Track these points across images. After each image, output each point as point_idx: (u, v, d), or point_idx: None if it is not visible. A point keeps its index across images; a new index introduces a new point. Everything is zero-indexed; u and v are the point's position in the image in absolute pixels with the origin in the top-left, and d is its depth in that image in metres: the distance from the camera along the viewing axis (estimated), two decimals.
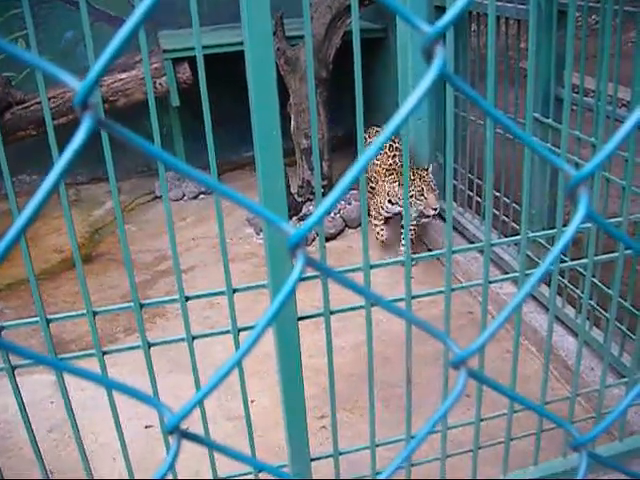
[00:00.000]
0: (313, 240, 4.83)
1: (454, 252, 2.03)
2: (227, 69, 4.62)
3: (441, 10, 4.43)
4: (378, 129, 4.37)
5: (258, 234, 5.18)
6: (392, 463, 0.62)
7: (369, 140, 4.56)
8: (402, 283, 2.07)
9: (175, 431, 0.52)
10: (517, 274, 2.14)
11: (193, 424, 2.88)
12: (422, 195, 4.25)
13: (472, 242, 4.28)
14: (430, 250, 4.72)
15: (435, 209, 4.24)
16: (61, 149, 0.48)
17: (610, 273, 2.52)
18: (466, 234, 4.57)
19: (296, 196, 5.35)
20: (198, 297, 1.90)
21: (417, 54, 4.57)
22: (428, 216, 4.35)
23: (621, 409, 0.70)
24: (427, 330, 0.63)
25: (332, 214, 5.22)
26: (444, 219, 3.79)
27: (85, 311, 1.80)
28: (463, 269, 4.34)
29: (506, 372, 2.38)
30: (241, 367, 1.96)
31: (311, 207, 5.08)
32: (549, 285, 2.30)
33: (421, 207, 4.28)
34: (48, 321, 1.80)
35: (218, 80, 4.59)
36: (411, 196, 4.16)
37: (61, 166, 0.45)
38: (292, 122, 5.27)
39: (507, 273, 3.84)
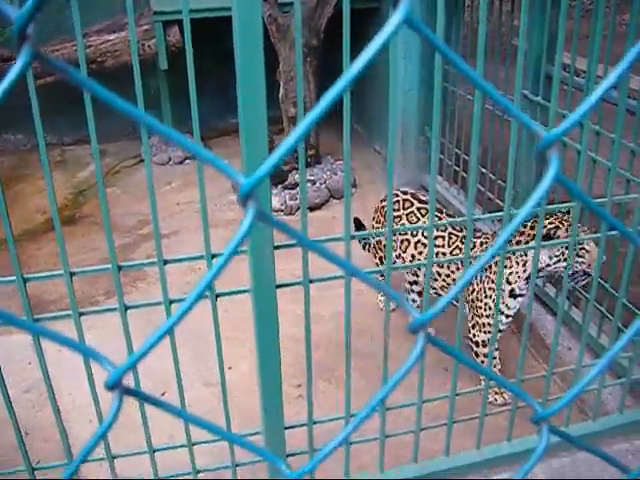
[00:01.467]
0: (298, 209, 4.82)
1: (436, 226, 2.03)
2: (218, 34, 4.58)
3: None
4: (405, 196, 3.48)
5: None
6: (330, 443, 0.61)
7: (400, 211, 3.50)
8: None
9: (116, 387, 0.51)
10: (499, 250, 2.14)
11: (170, 389, 2.89)
12: (582, 248, 2.84)
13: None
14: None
15: (604, 261, 2.60)
16: (44, 109, 0.46)
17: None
18: (451, 209, 4.57)
19: (282, 165, 5.33)
20: (177, 261, 1.89)
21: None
22: (589, 274, 2.85)
23: (583, 384, 0.70)
24: (386, 292, 0.62)
25: (317, 184, 5.20)
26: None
27: (62, 272, 1.79)
28: None
29: None
30: (218, 332, 1.95)
31: (297, 176, 5.06)
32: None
33: (583, 266, 2.86)
34: (25, 280, 1.78)
35: (208, 45, 4.55)
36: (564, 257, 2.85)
37: None
38: (281, 89, 5.23)
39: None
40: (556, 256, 2.83)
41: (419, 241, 3.32)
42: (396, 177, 5.02)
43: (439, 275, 3.23)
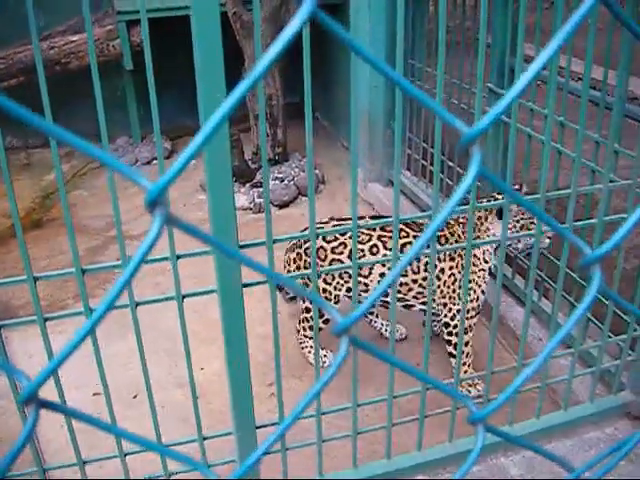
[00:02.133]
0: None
1: (400, 220, 2.03)
2: (183, 32, 4.55)
3: None
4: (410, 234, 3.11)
5: None
6: (263, 443, 0.60)
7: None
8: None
9: (32, 400, 0.49)
10: (464, 244, 2.15)
11: (142, 392, 2.87)
12: (533, 222, 3.07)
13: (425, 211, 4.30)
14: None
15: (550, 237, 3.09)
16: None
17: (560, 243, 2.54)
18: (419, 203, 4.59)
19: (250, 163, 5.31)
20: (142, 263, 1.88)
21: (374, 20, 4.55)
22: (543, 247, 3.14)
23: (516, 385, 0.70)
24: (315, 301, 0.62)
25: (286, 181, 5.20)
26: (401, 192, 3.77)
27: (26, 277, 1.77)
28: None
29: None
30: (185, 334, 1.94)
31: None
32: (499, 256, 2.32)
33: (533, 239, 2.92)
34: None
35: (174, 44, 4.52)
36: (521, 227, 3.07)
37: None
38: None
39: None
40: (509, 229, 2.96)
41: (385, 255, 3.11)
42: (364, 172, 5.02)
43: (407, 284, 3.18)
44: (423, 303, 3.14)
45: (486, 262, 3.05)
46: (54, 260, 4.43)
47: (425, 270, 3.05)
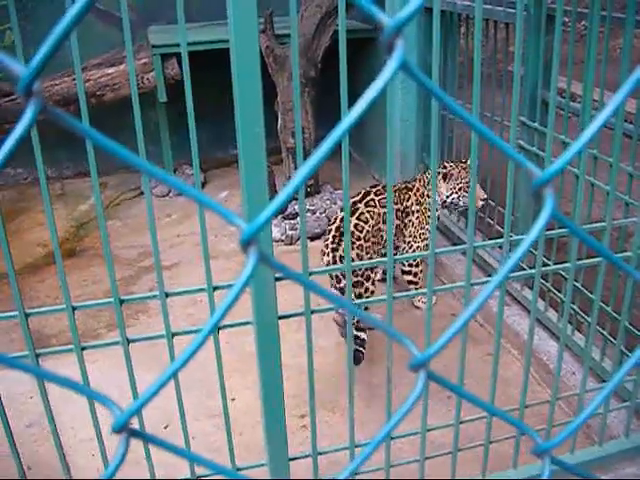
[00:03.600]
0: (298, 239, 4.83)
1: (436, 254, 2.03)
2: (216, 66, 4.61)
3: (430, 12, 4.44)
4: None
5: None
6: (343, 472, 0.61)
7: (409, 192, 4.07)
8: (384, 285, 2.07)
9: (123, 430, 0.50)
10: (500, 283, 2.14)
11: (173, 422, 2.88)
12: (468, 186, 3.91)
13: (455, 244, 4.29)
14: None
15: (484, 199, 3.95)
16: (43, 143, 0.47)
17: (593, 277, 2.53)
18: (450, 236, 4.58)
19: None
20: (178, 294, 1.89)
21: (406, 53, 4.57)
22: (478, 208, 3.95)
23: (585, 416, 0.70)
24: (390, 333, 0.62)
25: (317, 213, 5.21)
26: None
27: (64, 306, 1.79)
28: (447, 272, 4.35)
29: (487, 374, 2.38)
30: (220, 365, 1.95)
31: (297, 206, 5.07)
32: (532, 289, 2.31)
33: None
34: (27, 315, 1.79)
35: (207, 77, 4.58)
36: (459, 189, 3.95)
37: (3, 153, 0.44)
38: (279, 120, 5.26)
39: (490, 276, 3.84)
40: (451, 189, 3.96)
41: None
42: None
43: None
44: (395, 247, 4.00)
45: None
46: (87, 289, 4.47)
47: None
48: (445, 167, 3.98)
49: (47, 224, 1.70)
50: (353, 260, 3.49)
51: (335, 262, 3.58)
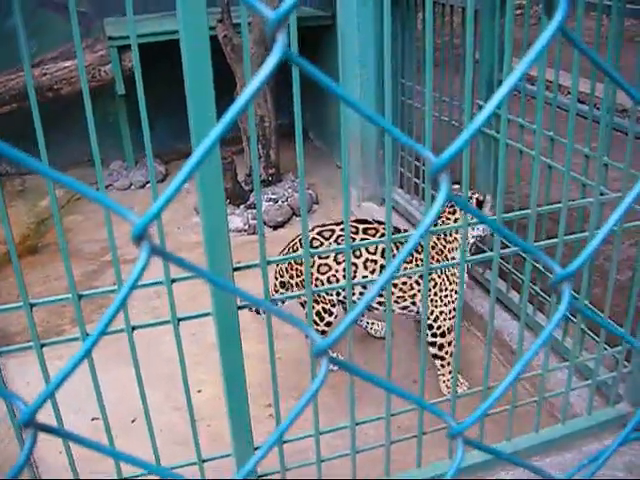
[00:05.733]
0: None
1: (393, 240, 2.04)
2: (176, 56, 4.58)
3: None
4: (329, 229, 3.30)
5: None
6: (249, 461, 0.61)
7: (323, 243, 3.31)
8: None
9: (30, 424, 0.50)
10: (457, 260, 2.16)
11: (140, 416, 2.88)
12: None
13: None
14: None
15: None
16: (3, 139, 0.47)
17: (553, 258, 2.55)
18: (412, 220, 4.60)
19: (243, 184, 5.32)
20: (137, 287, 1.88)
21: (363, 41, 4.58)
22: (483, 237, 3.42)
23: (492, 399, 0.71)
24: (291, 322, 0.63)
25: (279, 202, 5.21)
26: (395, 209, 3.78)
27: (22, 303, 1.78)
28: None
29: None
30: (182, 357, 1.95)
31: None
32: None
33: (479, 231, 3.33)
34: None
35: (166, 68, 4.55)
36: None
37: None
38: None
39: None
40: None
41: (367, 259, 3.22)
42: (358, 191, 5.04)
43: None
44: (403, 307, 3.26)
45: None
46: (50, 286, 4.43)
47: (404, 275, 3.12)
48: (474, 192, 3.34)
49: (10, 221, 1.68)
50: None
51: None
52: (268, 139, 5.33)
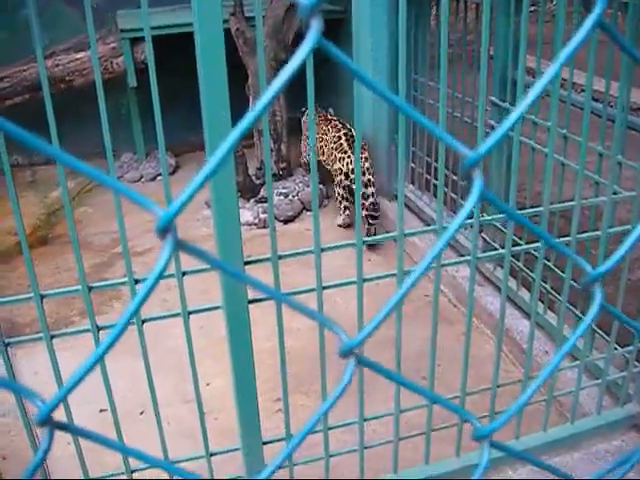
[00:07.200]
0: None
1: (406, 235, 2.03)
2: (188, 48, 4.57)
3: None
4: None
5: None
6: (272, 463, 0.60)
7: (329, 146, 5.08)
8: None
9: (46, 423, 0.49)
10: (469, 258, 2.15)
11: (149, 408, 2.88)
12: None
13: (429, 225, 4.30)
14: (388, 232, 4.72)
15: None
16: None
17: (564, 256, 2.54)
18: (423, 217, 4.59)
19: (254, 178, 5.32)
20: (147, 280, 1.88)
21: (376, 36, 4.56)
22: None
23: (521, 403, 0.70)
24: (320, 321, 0.62)
25: (290, 196, 5.20)
26: (405, 205, 3.76)
27: (32, 295, 1.78)
28: (421, 252, 4.35)
29: (460, 355, 2.39)
30: (191, 349, 1.95)
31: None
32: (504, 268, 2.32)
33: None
34: None
35: (178, 60, 4.54)
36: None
37: None
38: (251, 103, 5.24)
39: (463, 256, 3.87)
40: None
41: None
42: None
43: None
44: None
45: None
46: (60, 277, 4.44)
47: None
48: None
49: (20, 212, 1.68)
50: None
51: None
52: (279, 134, 5.33)
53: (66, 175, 1.67)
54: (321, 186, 5.48)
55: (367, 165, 4.71)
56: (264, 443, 2.19)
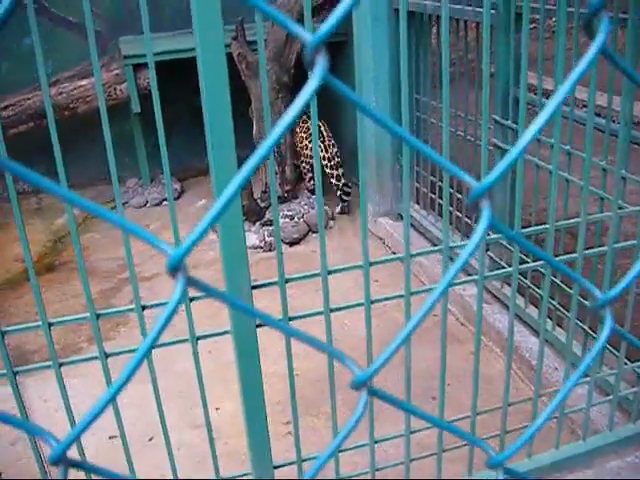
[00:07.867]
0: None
1: (412, 255, 2.03)
2: (190, 73, 4.60)
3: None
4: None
5: None
6: None
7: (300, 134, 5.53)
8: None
9: (60, 461, 0.49)
10: (477, 277, 2.15)
11: (158, 434, 2.87)
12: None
13: (435, 244, 4.30)
14: (394, 253, 4.72)
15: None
16: (19, 157, 0.47)
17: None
18: (428, 236, 4.59)
19: (259, 201, 5.33)
20: (154, 306, 1.88)
21: (378, 57, 4.58)
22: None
23: (538, 424, 0.70)
24: (331, 353, 0.62)
25: (296, 219, 5.21)
26: (410, 225, 3.75)
27: (40, 323, 1.78)
28: (427, 272, 4.35)
29: (470, 374, 2.38)
30: (200, 374, 1.94)
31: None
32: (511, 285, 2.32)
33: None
34: (3, 333, 1.77)
35: (181, 85, 4.57)
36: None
37: None
38: (254, 127, 5.26)
39: (470, 275, 3.86)
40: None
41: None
42: (373, 206, 5.03)
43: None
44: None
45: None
46: (67, 303, 4.44)
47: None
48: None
49: (27, 239, 1.69)
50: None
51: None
52: (284, 156, 5.34)
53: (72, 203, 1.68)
54: (326, 207, 5.49)
55: (335, 150, 5.46)
56: (275, 467, 2.18)
